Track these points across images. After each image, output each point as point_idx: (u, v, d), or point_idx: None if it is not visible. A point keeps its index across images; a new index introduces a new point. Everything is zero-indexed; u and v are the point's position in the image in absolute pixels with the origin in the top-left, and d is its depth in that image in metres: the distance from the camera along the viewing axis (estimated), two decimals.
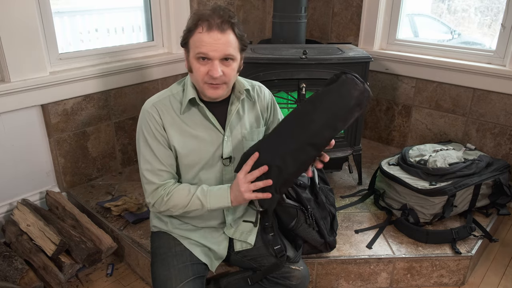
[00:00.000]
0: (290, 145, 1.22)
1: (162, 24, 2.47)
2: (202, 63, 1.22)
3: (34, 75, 1.91)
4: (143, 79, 2.37)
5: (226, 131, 1.35)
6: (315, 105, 1.22)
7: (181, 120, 1.32)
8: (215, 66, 1.21)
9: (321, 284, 1.75)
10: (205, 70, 1.22)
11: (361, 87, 1.20)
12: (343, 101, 1.20)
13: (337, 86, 1.21)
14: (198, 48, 1.20)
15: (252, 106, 1.42)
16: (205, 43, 1.19)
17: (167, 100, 1.32)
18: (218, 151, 1.36)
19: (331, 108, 1.21)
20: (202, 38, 1.19)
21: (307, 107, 1.24)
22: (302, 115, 1.23)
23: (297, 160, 1.22)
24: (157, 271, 1.35)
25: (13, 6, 1.77)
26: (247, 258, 1.48)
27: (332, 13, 2.87)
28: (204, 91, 1.27)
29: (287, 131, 1.24)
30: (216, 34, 1.19)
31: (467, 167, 1.94)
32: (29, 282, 1.62)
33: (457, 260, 1.74)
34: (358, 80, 1.20)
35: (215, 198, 1.29)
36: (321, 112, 1.21)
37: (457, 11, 2.51)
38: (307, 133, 1.21)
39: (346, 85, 1.20)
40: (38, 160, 2.07)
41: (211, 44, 1.19)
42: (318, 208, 1.58)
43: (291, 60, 1.94)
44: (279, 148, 1.23)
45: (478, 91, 2.35)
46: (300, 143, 1.21)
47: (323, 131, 1.21)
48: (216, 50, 1.19)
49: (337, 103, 1.21)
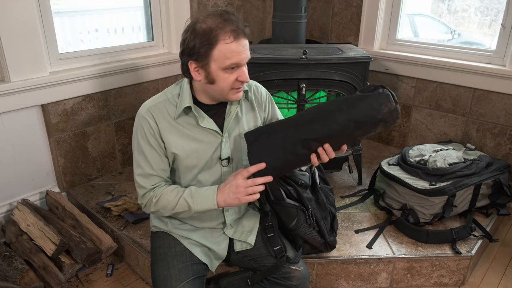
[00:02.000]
0: (303, 134, 1.24)
1: (162, 24, 2.47)
2: (230, 72, 1.21)
3: (34, 75, 1.91)
4: (143, 79, 2.37)
5: (224, 133, 1.35)
6: (342, 106, 1.23)
7: (178, 123, 1.31)
8: (245, 71, 1.23)
9: (321, 284, 1.75)
10: (234, 78, 1.22)
11: (393, 106, 1.21)
12: (371, 113, 1.21)
13: (371, 96, 1.22)
14: (230, 59, 1.18)
15: (250, 106, 1.42)
16: (236, 52, 1.18)
17: (162, 105, 1.31)
18: (217, 152, 1.36)
19: (357, 115, 1.21)
20: (232, 48, 1.17)
21: (333, 105, 1.25)
22: (326, 111, 1.24)
23: (303, 149, 1.25)
24: (157, 271, 1.35)
25: (13, 6, 1.77)
26: (247, 258, 1.48)
27: (332, 13, 2.87)
28: (229, 97, 1.26)
29: (306, 119, 1.25)
30: (243, 41, 1.20)
31: (467, 167, 1.94)
32: (29, 282, 1.62)
33: (457, 260, 1.74)
34: (392, 98, 1.21)
35: (202, 200, 1.29)
36: (345, 114, 1.22)
37: (457, 11, 2.51)
38: (325, 129, 1.23)
39: (380, 98, 1.21)
40: (38, 160, 2.07)
41: (242, 52, 1.19)
42: (319, 208, 1.58)
43: (291, 60, 1.94)
44: (293, 134, 1.25)
45: (478, 91, 2.35)
46: (315, 135, 1.23)
47: (340, 133, 1.23)
48: (246, 57, 1.21)
49: (364, 112, 1.21)
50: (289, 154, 1.27)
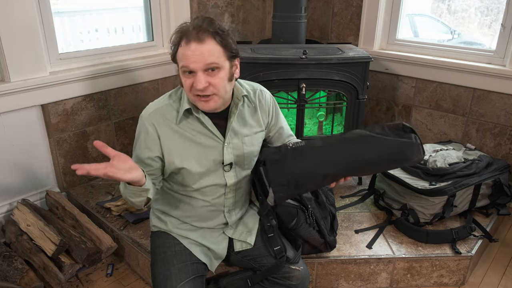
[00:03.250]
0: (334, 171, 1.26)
1: (162, 24, 2.47)
2: (188, 77, 1.21)
3: (34, 75, 1.91)
4: (143, 79, 2.37)
5: (226, 138, 1.34)
6: (374, 148, 1.25)
7: (180, 128, 1.31)
8: (198, 77, 1.19)
9: (321, 284, 1.75)
10: (190, 83, 1.21)
11: (421, 157, 1.26)
12: (401, 160, 1.26)
13: (405, 144, 1.24)
14: (181, 62, 1.20)
15: (253, 110, 1.41)
16: (186, 56, 1.18)
17: (165, 110, 1.31)
18: (219, 157, 1.35)
19: (387, 158, 1.25)
20: (183, 52, 1.19)
21: (365, 146, 1.26)
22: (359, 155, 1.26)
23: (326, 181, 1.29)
24: (157, 271, 1.35)
25: (13, 6, 1.77)
26: (247, 258, 1.48)
27: (332, 13, 2.87)
28: (196, 103, 1.25)
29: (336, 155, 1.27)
30: (194, 45, 1.17)
31: (467, 167, 1.94)
32: (29, 282, 1.62)
33: (457, 260, 1.74)
34: (422, 149, 1.25)
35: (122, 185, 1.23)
36: (377, 159, 1.25)
37: (457, 11, 2.51)
38: (355, 171, 1.30)
39: (413, 148, 1.24)
40: (38, 160, 2.07)
41: (190, 56, 1.17)
42: (319, 207, 1.58)
43: (291, 60, 1.94)
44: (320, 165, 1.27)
45: (478, 91, 2.35)
46: (344, 174, 1.27)
47: (366, 171, 1.32)
48: (195, 62, 1.18)
49: (395, 158, 1.25)
50: (312, 184, 1.30)
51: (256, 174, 1.38)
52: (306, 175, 1.27)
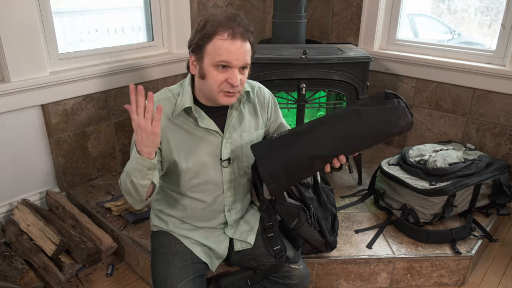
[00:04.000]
0: (321, 151, 1.22)
1: (162, 24, 2.47)
2: (220, 71, 1.20)
3: (34, 75, 1.91)
4: (143, 79, 2.37)
5: (225, 134, 1.35)
6: (359, 117, 1.21)
7: (177, 120, 1.31)
8: (235, 74, 1.20)
9: (321, 284, 1.75)
10: (223, 77, 1.20)
11: (410, 120, 1.19)
12: (388, 127, 1.19)
13: (387, 110, 1.20)
14: (220, 56, 1.18)
15: (252, 107, 1.42)
16: (228, 51, 1.17)
17: (164, 102, 1.31)
18: (217, 153, 1.36)
19: (375, 129, 1.20)
20: (224, 46, 1.17)
21: (349, 120, 1.22)
22: (344, 128, 1.22)
23: (318, 163, 1.24)
24: (158, 270, 1.35)
25: (13, 6, 1.77)
26: (247, 258, 1.48)
27: (332, 13, 2.87)
28: (218, 99, 1.25)
29: (324, 137, 1.23)
30: (240, 43, 1.18)
31: (467, 167, 1.94)
32: (29, 282, 1.62)
33: (457, 260, 1.74)
34: (408, 111, 1.20)
35: (131, 159, 1.21)
36: (363, 130, 1.20)
37: (457, 11, 2.51)
38: (344, 147, 1.22)
39: (397, 112, 1.18)
40: (38, 160, 2.07)
41: (235, 52, 1.18)
42: (320, 207, 1.58)
43: (291, 60, 1.94)
44: (308, 143, 1.23)
45: (478, 91, 2.35)
46: (334, 152, 1.22)
47: (357, 147, 1.23)
48: (238, 59, 1.19)
49: (382, 127, 1.20)
50: (302, 169, 1.26)
51: (255, 171, 1.38)
52: (294, 161, 1.24)
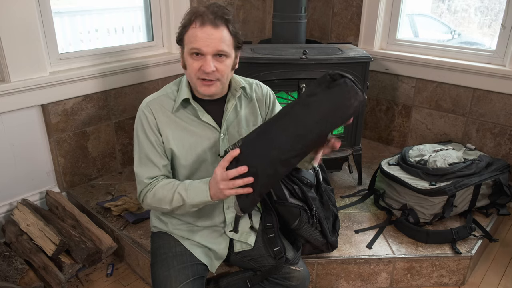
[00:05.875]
0: (276, 150, 1.14)
1: (162, 24, 2.47)
2: (195, 59, 1.22)
3: (34, 75, 1.91)
4: (143, 79, 2.37)
5: (222, 129, 1.35)
6: (308, 109, 1.13)
7: (176, 117, 1.32)
8: (207, 61, 1.21)
9: (321, 284, 1.75)
10: (198, 65, 1.22)
11: (361, 97, 1.12)
12: (342, 110, 1.12)
13: (336, 92, 1.12)
14: (192, 44, 1.21)
15: (249, 103, 1.42)
16: (198, 38, 1.20)
17: (161, 99, 1.33)
18: (215, 148, 1.36)
19: (327, 115, 1.12)
20: (195, 33, 1.20)
21: (299, 111, 1.15)
22: (294, 119, 1.15)
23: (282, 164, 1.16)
24: (157, 272, 1.35)
25: (13, 6, 1.77)
26: (247, 258, 1.48)
27: (332, 13, 2.87)
28: (198, 87, 1.27)
29: (277, 133, 1.15)
30: (209, 29, 1.19)
31: (467, 167, 1.94)
32: (29, 282, 1.62)
33: (457, 260, 1.74)
34: (358, 88, 1.12)
35: (195, 192, 1.24)
36: (314, 118, 1.12)
37: (457, 11, 2.51)
38: (302, 144, 1.14)
39: (346, 93, 1.11)
40: (38, 160, 2.07)
41: (204, 39, 1.19)
42: (323, 207, 1.58)
43: (291, 60, 1.94)
44: (265, 151, 1.15)
45: (478, 91, 2.35)
46: (293, 153, 1.14)
47: (318, 139, 1.15)
48: (208, 45, 1.20)
49: (334, 111, 1.12)
50: (267, 178, 1.16)
51: None
52: (255, 170, 1.15)
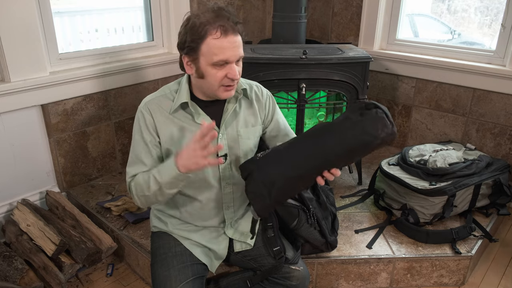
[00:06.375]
0: (302, 171, 1.19)
1: (162, 24, 2.47)
2: (219, 69, 1.20)
3: (34, 75, 1.91)
4: (143, 79, 2.37)
5: (221, 129, 1.35)
6: (336, 134, 1.16)
7: (174, 117, 1.32)
8: (234, 69, 1.21)
9: (321, 284, 1.75)
10: (222, 74, 1.21)
11: (390, 129, 1.12)
12: (368, 139, 1.13)
13: (365, 122, 1.14)
14: (218, 56, 1.17)
15: (249, 105, 1.42)
16: (225, 49, 1.17)
17: (160, 99, 1.33)
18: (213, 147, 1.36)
19: (353, 143, 1.14)
20: (221, 44, 1.17)
21: (327, 138, 1.17)
22: (322, 146, 1.17)
23: (302, 182, 1.22)
24: (157, 272, 1.35)
25: (13, 6, 1.77)
26: (247, 258, 1.48)
27: (332, 13, 2.87)
28: (219, 94, 1.26)
29: (300, 153, 1.19)
30: (232, 37, 1.18)
31: (467, 167, 1.94)
32: (29, 282, 1.62)
33: (457, 260, 1.74)
34: (388, 121, 1.13)
35: (165, 169, 1.23)
36: (343, 146, 1.15)
37: (457, 11, 2.51)
38: (323, 164, 1.17)
39: (376, 123, 1.12)
40: (38, 160, 2.07)
41: (231, 48, 1.18)
42: (320, 207, 1.58)
43: (291, 60, 1.94)
44: (287, 162, 1.20)
45: (478, 91, 2.35)
46: (313, 171, 1.19)
47: (339, 163, 1.18)
48: (235, 55, 1.20)
49: (361, 140, 1.14)
50: (284, 189, 1.22)
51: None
52: (275, 182, 1.21)
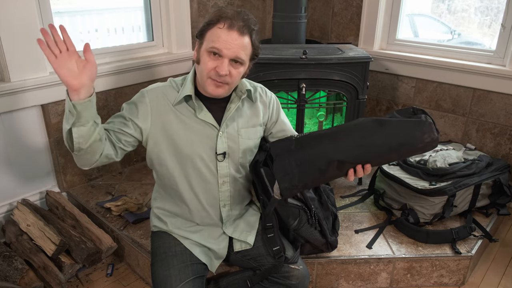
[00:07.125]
0: (341, 156, 1.21)
1: (162, 24, 2.47)
2: (212, 58, 1.24)
3: (34, 75, 1.91)
4: (143, 79, 2.37)
5: (221, 127, 1.36)
6: (383, 131, 1.20)
7: (177, 110, 1.34)
8: (223, 64, 1.23)
9: (321, 284, 1.75)
10: (212, 65, 1.24)
11: (435, 136, 1.18)
12: (412, 141, 1.19)
13: (413, 123, 1.19)
14: (213, 43, 1.22)
15: (252, 105, 1.43)
16: (221, 39, 1.21)
17: (166, 89, 1.35)
18: (212, 146, 1.36)
19: (395, 140, 1.19)
20: (220, 34, 1.21)
21: (373, 130, 1.21)
22: (368, 138, 1.20)
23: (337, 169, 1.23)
24: (157, 271, 1.35)
25: (13, 6, 1.77)
26: (246, 258, 1.48)
27: (332, 13, 2.87)
28: (206, 86, 1.28)
29: (346, 143, 1.22)
30: (235, 35, 1.21)
31: (467, 167, 1.94)
32: (29, 282, 1.62)
33: (457, 260, 1.74)
34: (435, 128, 1.18)
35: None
36: (386, 141, 1.19)
37: (457, 11, 2.51)
38: (364, 155, 1.20)
39: (423, 127, 1.18)
40: (38, 160, 2.07)
41: (227, 42, 1.21)
42: (321, 207, 1.58)
43: (291, 60, 1.94)
44: (325, 145, 1.23)
45: (478, 91, 2.35)
46: (353, 159, 1.21)
47: (378, 158, 1.22)
48: (229, 49, 1.22)
49: (404, 139, 1.19)
50: (318, 172, 1.24)
51: (256, 175, 1.37)
52: (311, 163, 1.23)
